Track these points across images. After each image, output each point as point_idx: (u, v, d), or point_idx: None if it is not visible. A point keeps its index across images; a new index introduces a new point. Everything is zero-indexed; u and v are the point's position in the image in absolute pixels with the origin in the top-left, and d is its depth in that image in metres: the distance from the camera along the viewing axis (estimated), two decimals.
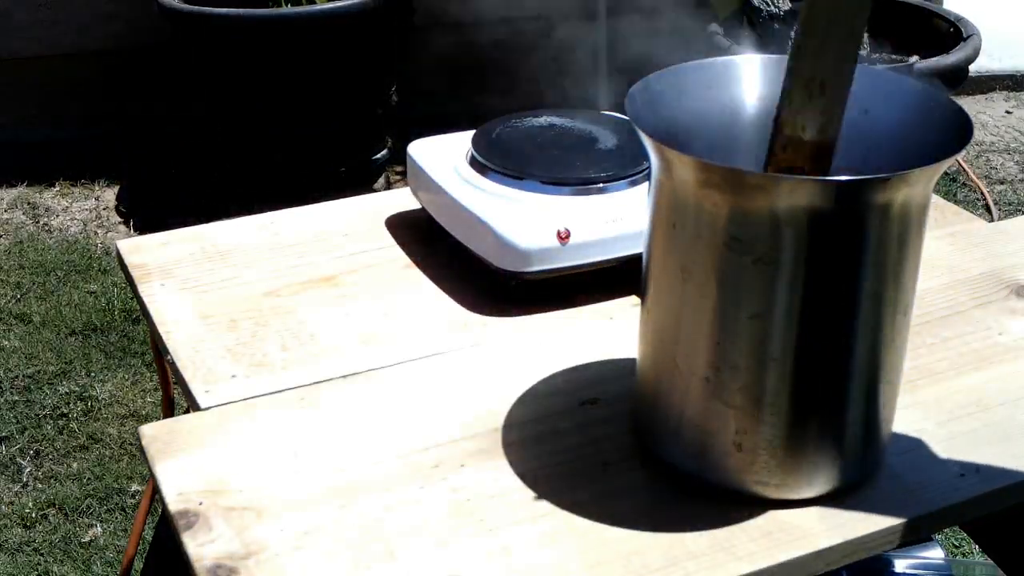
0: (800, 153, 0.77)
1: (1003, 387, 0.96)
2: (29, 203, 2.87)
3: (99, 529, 1.90)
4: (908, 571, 1.26)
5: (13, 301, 2.47)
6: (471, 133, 1.18)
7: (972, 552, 1.81)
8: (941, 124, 0.81)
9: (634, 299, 1.08)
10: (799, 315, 0.77)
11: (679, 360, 0.81)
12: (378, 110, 2.91)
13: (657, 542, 0.80)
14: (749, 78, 0.89)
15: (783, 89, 0.76)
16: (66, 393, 2.19)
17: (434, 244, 1.15)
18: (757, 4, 2.58)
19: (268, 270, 1.12)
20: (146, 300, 1.07)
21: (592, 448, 0.89)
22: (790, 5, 2.60)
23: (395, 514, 0.82)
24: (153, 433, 0.89)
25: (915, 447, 0.89)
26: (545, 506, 0.83)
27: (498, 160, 1.12)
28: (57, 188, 2.93)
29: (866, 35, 2.62)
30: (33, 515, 1.92)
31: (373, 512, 0.82)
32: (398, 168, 2.96)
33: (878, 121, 0.85)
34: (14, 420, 2.13)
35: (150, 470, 0.86)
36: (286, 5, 2.70)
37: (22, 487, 1.99)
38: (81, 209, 2.85)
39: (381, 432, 0.90)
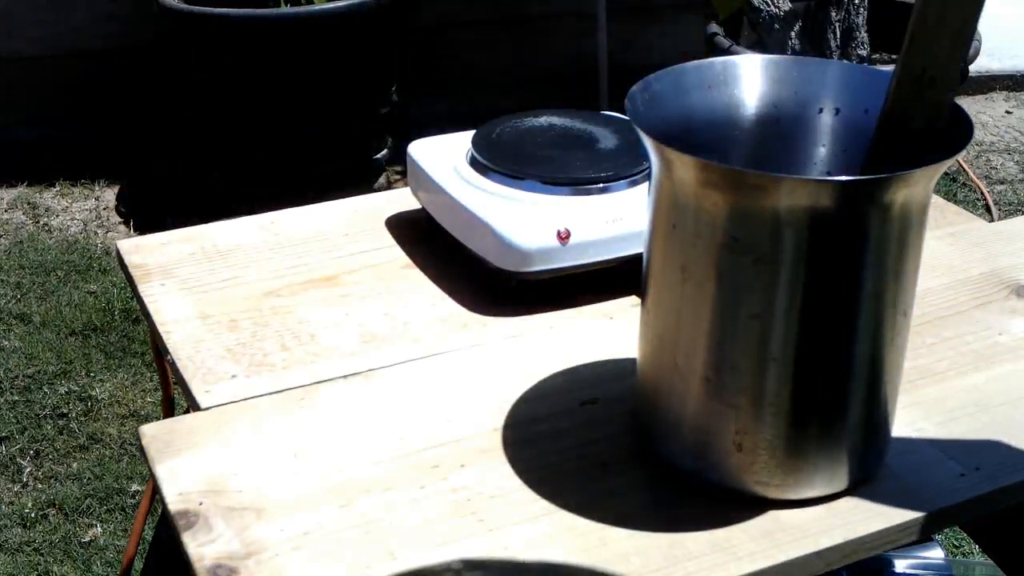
0: (909, 141, 0.77)
1: (1003, 387, 0.96)
2: (29, 203, 2.87)
3: (99, 529, 1.90)
4: (908, 571, 1.26)
5: (13, 301, 2.47)
6: (471, 133, 1.18)
7: (972, 552, 1.81)
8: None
9: (634, 299, 1.08)
10: (799, 315, 0.77)
11: (679, 360, 0.81)
12: (378, 110, 2.91)
13: (657, 542, 0.80)
14: (749, 78, 0.89)
15: (892, 79, 0.76)
16: (66, 393, 2.20)
17: (434, 244, 1.15)
18: (757, 4, 2.58)
19: (268, 270, 1.12)
20: (146, 300, 1.07)
21: (592, 448, 0.89)
22: (790, 5, 2.60)
23: (395, 514, 0.82)
24: (153, 433, 0.89)
25: (915, 447, 0.89)
26: (545, 506, 0.83)
27: (498, 160, 1.12)
28: (57, 188, 2.93)
29: (866, 35, 2.62)
30: (33, 515, 1.92)
31: (373, 512, 0.82)
32: (398, 168, 2.96)
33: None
34: (14, 420, 2.13)
35: (150, 470, 0.86)
36: (286, 5, 2.70)
37: (22, 487, 1.99)
38: (81, 209, 2.85)
39: (381, 432, 0.90)
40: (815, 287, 0.76)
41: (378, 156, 2.93)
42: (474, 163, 1.13)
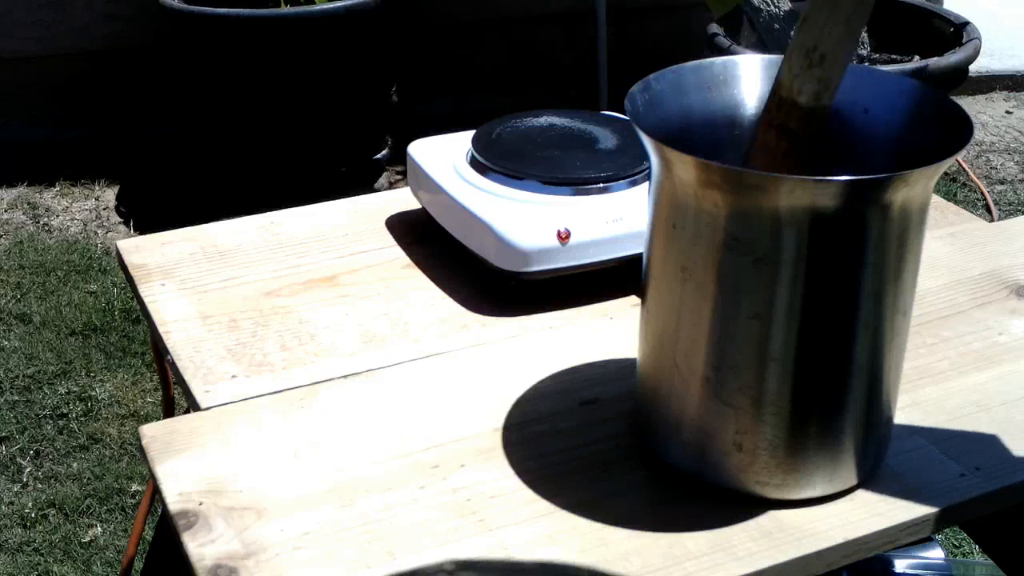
0: (792, 115, 0.78)
1: (1003, 387, 0.96)
2: (29, 203, 2.87)
3: (99, 529, 1.90)
4: (908, 571, 1.26)
5: (13, 301, 2.47)
6: (471, 133, 1.18)
7: (972, 552, 1.81)
8: (941, 124, 0.81)
9: (634, 299, 1.08)
10: (799, 315, 0.77)
11: (679, 360, 0.81)
12: (378, 110, 2.91)
13: (657, 542, 0.80)
14: (749, 78, 0.89)
15: (786, 52, 0.77)
16: (66, 393, 2.20)
17: (434, 244, 1.15)
18: (757, 4, 2.58)
19: (268, 270, 1.12)
20: (146, 300, 1.07)
21: (592, 448, 0.89)
22: (790, 5, 2.60)
23: (395, 514, 0.82)
24: (153, 433, 0.89)
25: (915, 447, 0.89)
26: (545, 506, 0.83)
27: (498, 160, 1.12)
28: (57, 188, 2.93)
29: (866, 35, 2.62)
30: (33, 515, 1.92)
31: (373, 512, 0.82)
32: (398, 168, 2.96)
33: (878, 121, 0.85)
34: (14, 420, 2.13)
35: (150, 470, 0.86)
36: (286, 5, 2.70)
37: (22, 487, 1.99)
38: (81, 209, 2.85)
39: (381, 432, 0.90)
40: (815, 287, 0.76)
41: (378, 156, 2.93)
42: (474, 163, 1.13)
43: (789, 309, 0.76)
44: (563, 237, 1.05)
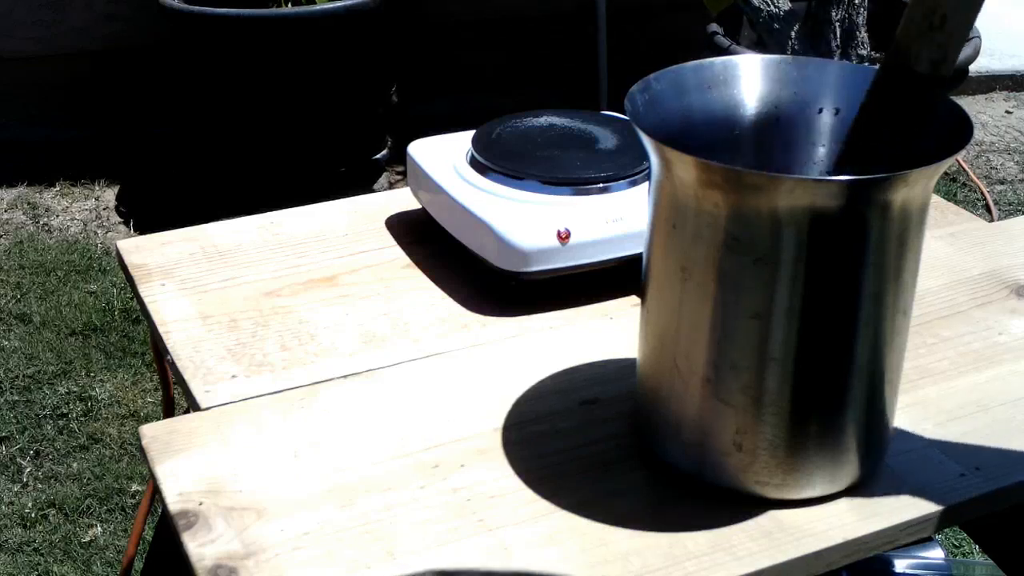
0: (910, 84, 0.75)
1: (1003, 387, 0.96)
2: (29, 203, 2.87)
3: (99, 529, 1.90)
4: (908, 571, 1.26)
5: (13, 301, 2.47)
6: (471, 133, 1.18)
7: (972, 552, 1.81)
8: (941, 124, 0.81)
9: (634, 299, 1.08)
10: (799, 315, 0.77)
11: (679, 360, 0.81)
12: (378, 110, 2.91)
13: (657, 542, 0.80)
14: (749, 78, 0.89)
15: (904, 16, 0.74)
16: (66, 393, 2.20)
17: (434, 244, 1.15)
18: (757, 4, 2.58)
19: (268, 270, 1.12)
20: (146, 300, 1.07)
21: (592, 448, 0.89)
22: (790, 5, 2.60)
23: (395, 514, 0.82)
24: (153, 433, 0.89)
25: (915, 447, 0.89)
26: (545, 506, 0.83)
27: (498, 160, 1.12)
28: (57, 188, 2.93)
29: (866, 35, 2.62)
30: (33, 515, 1.92)
31: (373, 512, 0.82)
32: (398, 168, 2.96)
33: None
34: (14, 420, 2.13)
35: (150, 470, 0.86)
36: (286, 5, 2.70)
37: (22, 487, 1.99)
38: (81, 209, 2.85)
39: (381, 432, 0.90)
40: (815, 287, 0.76)
41: (378, 156, 2.93)
42: (474, 163, 1.13)
43: (789, 309, 0.76)
44: (563, 237, 1.05)
